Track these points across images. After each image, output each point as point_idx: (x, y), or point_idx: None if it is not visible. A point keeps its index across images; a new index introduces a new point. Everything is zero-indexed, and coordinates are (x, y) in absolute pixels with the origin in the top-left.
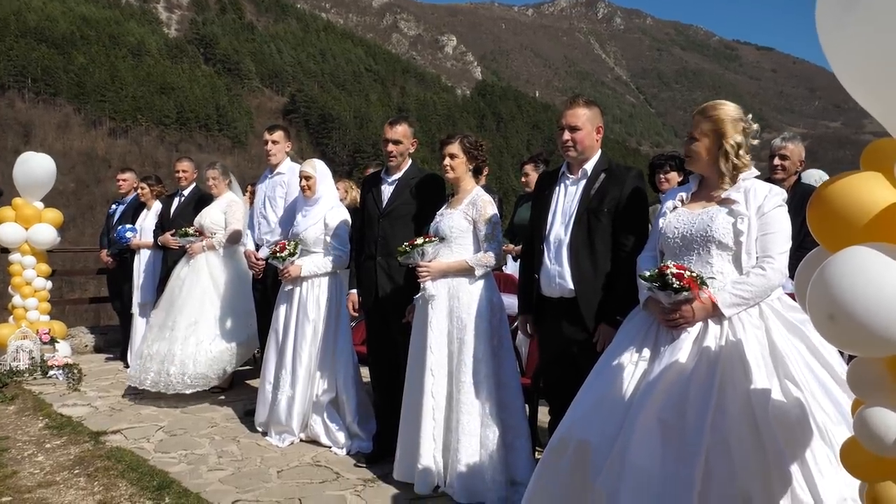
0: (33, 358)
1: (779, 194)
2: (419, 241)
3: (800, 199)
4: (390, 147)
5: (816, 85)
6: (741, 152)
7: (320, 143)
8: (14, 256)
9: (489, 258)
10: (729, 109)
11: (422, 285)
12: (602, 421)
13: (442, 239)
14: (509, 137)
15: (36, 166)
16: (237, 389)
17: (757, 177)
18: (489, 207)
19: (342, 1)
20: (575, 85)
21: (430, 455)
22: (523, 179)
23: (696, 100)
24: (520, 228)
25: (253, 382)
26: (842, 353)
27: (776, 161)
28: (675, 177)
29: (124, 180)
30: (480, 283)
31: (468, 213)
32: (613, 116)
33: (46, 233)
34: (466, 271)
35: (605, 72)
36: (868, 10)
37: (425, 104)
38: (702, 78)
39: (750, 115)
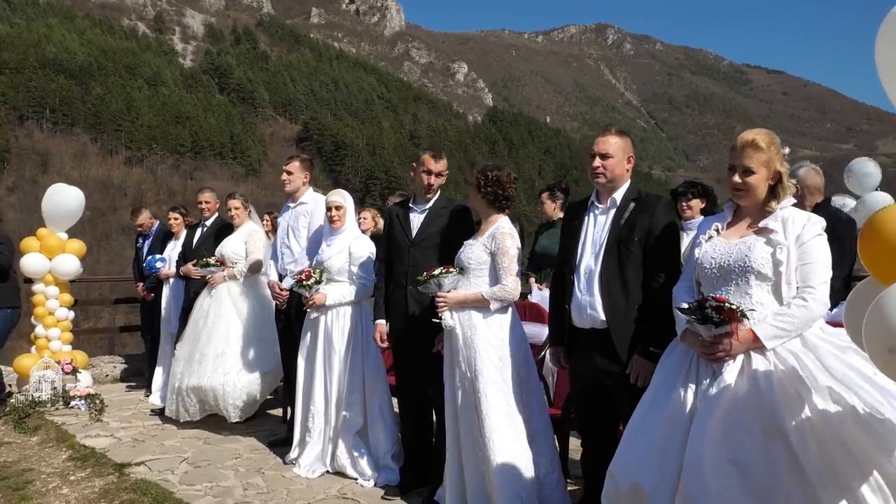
0: (55, 388)
1: (818, 223)
2: (436, 271)
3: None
4: (433, 180)
5: (828, 108)
6: (787, 180)
7: (333, 170)
8: (37, 286)
9: (504, 292)
10: (776, 138)
11: (440, 316)
12: (655, 462)
13: (462, 270)
14: (521, 163)
15: (66, 199)
16: (259, 419)
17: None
18: (508, 240)
19: (354, 30)
20: (585, 110)
21: (457, 490)
22: (539, 208)
23: (707, 123)
24: (541, 257)
25: (275, 412)
26: None
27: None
28: (697, 204)
29: (140, 224)
30: (500, 314)
31: (487, 246)
32: None
33: (70, 263)
34: (483, 304)
35: (615, 97)
36: None
37: (437, 131)
38: (712, 102)
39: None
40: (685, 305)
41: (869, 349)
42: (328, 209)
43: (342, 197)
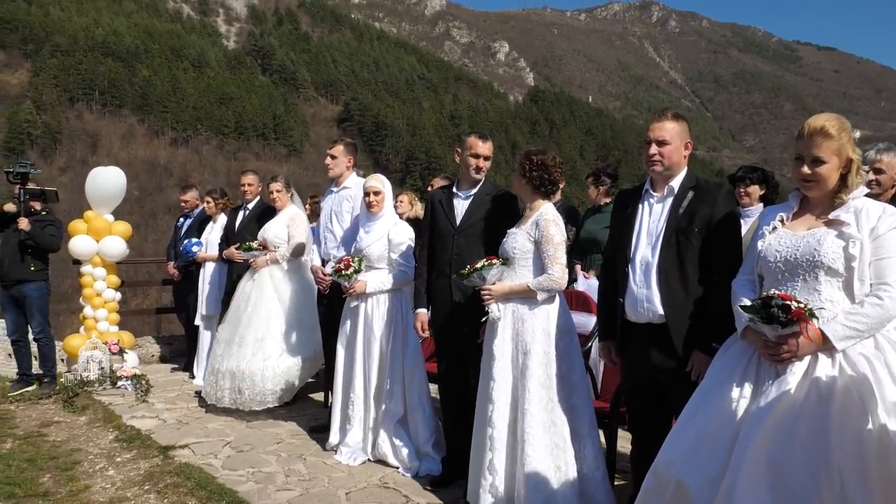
0: (103, 368)
1: (894, 214)
2: (479, 264)
3: None
4: (481, 163)
5: (882, 86)
6: (859, 168)
7: (374, 150)
8: (85, 268)
9: (551, 282)
10: (846, 122)
11: (486, 308)
12: (702, 462)
13: (505, 261)
14: (562, 143)
15: (108, 180)
16: (300, 404)
17: (866, 195)
18: (552, 228)
19: (395, 10)
20: (629, 90)
21: (489, 487)
22: (584, 192)
23: (755, 102)
24: (586, 243)
25: (316, 396)
26: None
27: (870, 175)
28: (756, 190)
29: (186, 200)
30: (547, 305)
31: (531, 234)
32: None
33: (116, 245)
34: (529, 294)
35: (659, 76)
36: None
37: (478, 111)
38: (760, 80)
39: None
40: (747, 303)
41: None
42: (366, 194)
43: (380, 182)
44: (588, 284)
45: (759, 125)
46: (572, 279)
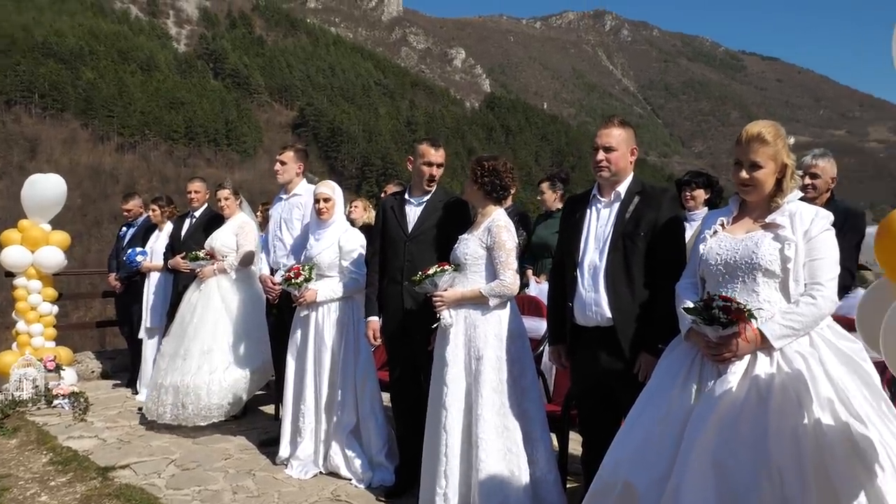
0: (37, 387)
1: (825, 217)
2: (431, 270)
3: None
4: (434, 171)
5: (821, 94)
6: (793, 173)
7: (329, 156)
8: (19, 280)
9: (503, 287)
10: (781, 129)
11: (438, 315)
12: (649, 462)
13: (457, 266)
14: (518, 150)
15: (47, 188)
16: (250, 417)
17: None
18: (504, 233)
19: (352, 15)
20: (583, 97)
21: (442, 494)
22: (539, 198)
23: (703, 110)
24: (538, 248)
25: (266, 409)
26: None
27: (806, 180)
28: (701, 194)
29: (129, 209)
30: (499, 310)
31: (483, 240)
32: None
33: (53, 256)
34: (482, 300)
35: (612, 83)
36: None
37: (434, 117)
38: (708, 88)
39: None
40: (690, 305)
41: (890, 361)
42: (316, 201)
43: (331, 188)
44: (539, 289)
45: (707, 132)
46: (524, 284)
